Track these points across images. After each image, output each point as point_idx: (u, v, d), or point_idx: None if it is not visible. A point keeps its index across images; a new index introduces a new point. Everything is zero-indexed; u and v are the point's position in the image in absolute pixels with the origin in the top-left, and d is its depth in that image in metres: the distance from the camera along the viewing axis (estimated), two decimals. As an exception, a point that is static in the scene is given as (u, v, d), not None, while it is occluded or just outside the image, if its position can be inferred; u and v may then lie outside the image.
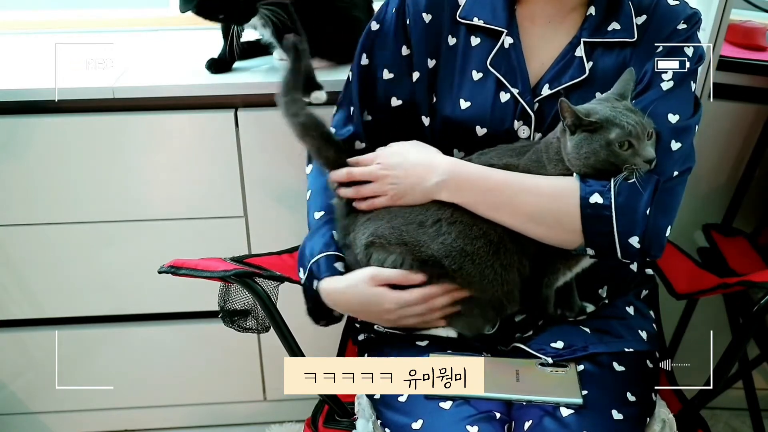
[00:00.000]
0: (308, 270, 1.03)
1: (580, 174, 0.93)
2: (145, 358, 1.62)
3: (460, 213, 0.97)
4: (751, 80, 1.40)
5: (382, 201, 1.00)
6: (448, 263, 0.95)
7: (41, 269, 1.51)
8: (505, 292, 0.97)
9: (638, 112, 0.91)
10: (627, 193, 0.89)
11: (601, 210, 0.90)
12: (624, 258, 0.92)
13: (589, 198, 0.90)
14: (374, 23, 1.11)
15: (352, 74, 1.13)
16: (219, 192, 1.45)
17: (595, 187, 0.91)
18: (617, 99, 0.93)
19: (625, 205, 0.89)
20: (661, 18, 1.00)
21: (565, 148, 0.93)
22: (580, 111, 0.90)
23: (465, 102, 1.05)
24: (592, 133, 0.90)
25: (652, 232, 0.90)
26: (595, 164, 0.91)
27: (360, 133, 1.13)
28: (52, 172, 1.40)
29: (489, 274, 0.96)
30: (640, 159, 0.89)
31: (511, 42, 1.04)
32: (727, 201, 1.49)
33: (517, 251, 0.97)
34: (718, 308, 1.48)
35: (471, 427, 0.87)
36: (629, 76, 0.95)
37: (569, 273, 1.01)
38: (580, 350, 0.97)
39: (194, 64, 1.41)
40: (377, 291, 0.97)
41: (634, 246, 0.90)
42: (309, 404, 1.12)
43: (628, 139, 0.89)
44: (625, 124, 0.88)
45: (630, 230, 0.90)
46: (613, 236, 0.90)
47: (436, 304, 0.98)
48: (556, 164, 0.95)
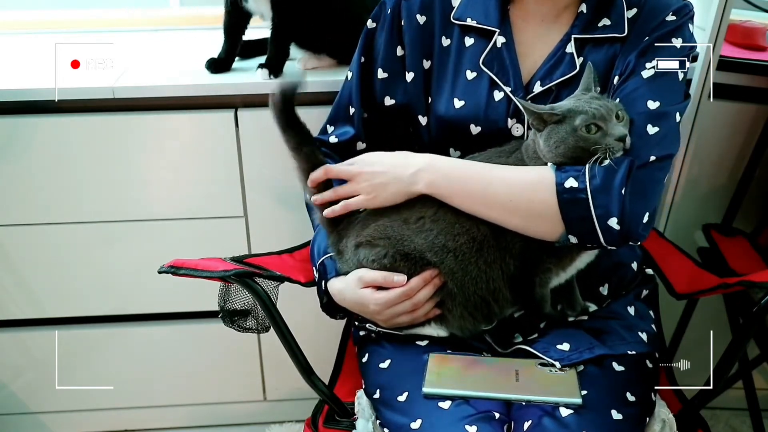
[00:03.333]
0: (318, 270, 1.07)
1: (555, 164, 0.93)
2: (145, 358, 1.62)
3: (443, 212, 0.98)
4: (751, 80, 1.40)
5: (357, 200, 1.01)
6: (431, 257, 0.97)
7: (41, 269, 1.51)
8: (490, 290, 0.98)
9: (603, 98, 0.93)
10: (602, 175, 0.89)
11: (576, 193, 0.90)
12: (607, 243, 0.91)
13: (564, 183, 0.90)
14: (371, 22, 1.12)
15: (351, 73, 1.14)
16: (219, 192, 1.45)
17: (570, 172, 0.91)
18: (583, 93, 0.95)
19: (600, 187, 0.89)
20: (650, 10, 1.00)
21: (538, 146, 0.95)
22: (541, 109, 0.93)
23: (459, 101, 1.06)
24: (558, 124, 0.92)
25: (630, 215, 0.89)
26: (566, 152, 0.92)
27: (360, 134, 1.14)
28: (52, 172, 1.40)
29: (472, 270, 0.97)
30: (611, 138, 0.90)
31: (504, 41, 1.04)
32: (727, 201, 1.49)
33: (501, 248, 0.97)
34: (718, 308, 1.47)
35: (470, 427, 0.87)
36: (589, 71, 0.96)
37: (563, 273, 1.01)
38: (586, 351, 0.97)
39: (194, 64, 1.41)
40: (363, 293, 0.99)
41: (614, 228, 0.89)
42: (309, 404, 1.12)
43: (593, 122, 0.90)
44: (588, 109, 0.90)
45: (607, 212, 0.89)
46: (592, 220, 0.90)
47: (420, 298, 0.98)
48: (536, 161, 0.96)
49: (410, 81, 1.10)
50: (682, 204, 1.49)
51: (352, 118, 1.14)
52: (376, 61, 1.12)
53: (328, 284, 1.05)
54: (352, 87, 1.14)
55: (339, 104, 1.17)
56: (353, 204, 1.02)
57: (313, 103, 1.29)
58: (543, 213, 0.92)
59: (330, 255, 1.07)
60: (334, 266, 1.06)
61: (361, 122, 1.13)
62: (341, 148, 1.15)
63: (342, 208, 1.03)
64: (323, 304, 1.08)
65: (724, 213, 1.50)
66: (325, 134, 1.17)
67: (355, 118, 1.14)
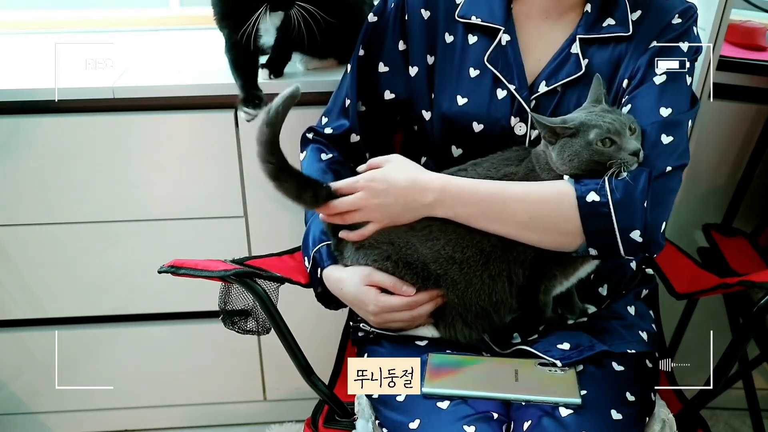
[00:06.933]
0: (312, 258, 1.06)
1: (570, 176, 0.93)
2: (145, 358, 1.62)
3: (453, 222, 0.97)
4: (751, 80, 1.40)
5: (371, 228, 0.99)
6: (434, 268, 0.96)
7: (41, 269, 1.51)
8: (492, 302, 0.97)
9: (615, 110, 0.93)
10: (622, 189, 0.89)
11: (599, 208, 0.89)
12: (627, 254, 0.91)
13: (586, 197, 0.90)
14: (372, 16, 1.12)
15: (350, 66, 1.14)
16: (219, 192, 1.45)
17: (590, 185, 0.91)
18: (593, 105, 0.95)
19: (623, 201, 0.89)
20: (655, 12, 1.00)
21: (550, 158, 0.95)
22: (554, 122, 0.92)
23: (462, 98, 1.06)
24: (572, 138, 0.92)
25: (651, 227, 0.90)
26: (580, 165, 0.91)
27: (355, 126, 1.14)
28: (52, 172, 1.40)
29: (476, 282, 0.96)
30: (625, 152, 0.90)
31: (508, 39, 1.04)
32: (727, 201, 1.49)
33: (509, 260, 0.96)
34: (718, 308, 1.48)
35: (468, 427, 0.87)
36: (598, 82, 0.96)
37: (566, 281, 1.00)
38: (587, 350, 0.97)
39: (194, 64, 1.41)
40: (366, 290, 0.98)
41: (637, 240, 0.90)
42: (309, 404, 1.12)
43: (608, 137, 0.90)
44: (601, 123, 0.90)
45: (630, 225, 0.89)
46: (614, 233, 0.90)
47: (420, 312, 0.98)
48: (548, 172, 0.95)
49: (414, 75, 1.10)
50: (682, 204, 1.49)
51: (347, 111, 1.14)
52: (378, 54, 1.12)
53: (324, 272, 1.04)
54: (350, 80, 1.14)
55: (336, 96, 1.17)
56: (368, 232, 0.99)
57: (313, 103, 1.29)
58: (563, 227, 0.92)
59: (326, 243, 1.05)
60: (330, 254, 1.05)
61: (356, 115, 1.13)
62: (335, 139, 1.15)
63: (358, 236, 1.00)
64: (318, 293, 1.07)
65: (724, 213, 1.50)
66: (321, 125, 1.17)
67: (350, 111, 1.14)
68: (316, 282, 1.06)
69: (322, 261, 1.05)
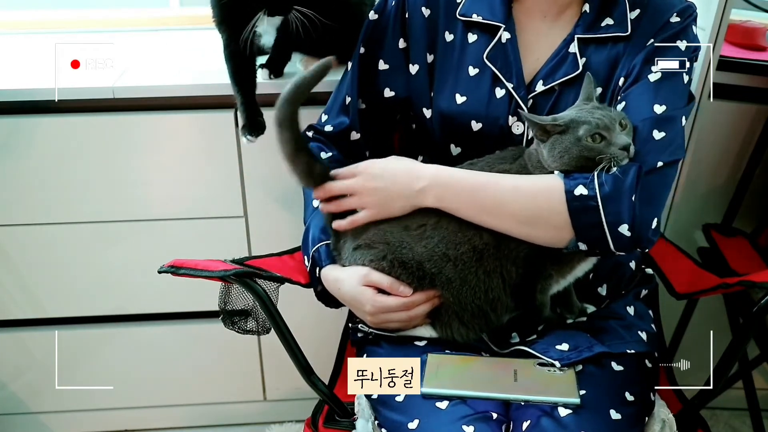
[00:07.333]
0: (311, 257, 1.06)
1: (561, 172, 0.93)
2: (145, 358, 1.63)
3: (446, 220, 0.97)
4: (751, 80, 1.40)
5: (363, 215, 1.00)
6: (429, 266, 0.96)
7: (41, 269, 1.51)
8: (488, 300, 0.97)
9: (606, 107, 0.94)
10: (611, 183, 0.89)
11: (587, 201, 0.90)
12: (617, 249, 0.91)
13: (574, 191, 0.90)
14: (373, 14, 1.12)
15: (351, 64, 1.15)
16: (219, 192, 1.46)
17: (579, 179, 0.91)
18: (584, 103, 0.95)
19: (611, 194, 0.89)
20: (654, 11, 1.00)
21: (542, 156, 0.95)
22: (544, 120, 0.93)
23: (461, 97, 1.06)
24: (562, 135, 0.92)
25: (640, 221, 0.90)
26: (570, 161, 0.92)
27: (355, 124, 1.14)
28: (52, 172, 1.40)
29: (471, 279, 0.96)
30: (615, 147, 0.90)
31: (508, 37, 1.04)
32: (727, 201, 1.49)
33: (503, 257, 0.96)
34: (718, 308, 1.47)
35: (467, 427, 0.87)
36: (589, 80, 0.97)
37: (563, 281, 1.01)
38: (586, 350, 0.97)
39: (194, 64, 1.41)
40: (364, 290, 0.99)
41: (625, 235, 0.90)
42: (309, 404, 1.12)
43: (597, 132, 0.90)
44: (591, 119, 0.90)
45: (618, 219, 0.89)
46: (602, 227, 0.90)
47: (417, 313, 0.99)
48: (540, 170, 0.96)
49: (414, 73, 1.10)
50: (682, 204, 1.49)
51: (348, 108, 1.14)
52: (378, 52, 1.12)
53: (323, 272, 1.04)
54: (350, 77, 1.14)
55: (337, 94, 1.17)
56: (360, 219, 1.01)
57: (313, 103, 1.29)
58: (552, 221, 0.92)
59: (325, 242, 1.06)
60: (329, 253, 1.05)
61: (357, 113, 1.14)
62: (336, 137, 1.15)
63: (348, 224, 1.02)
64: (318, 292, 1.08)
65: (724, 213, 1.50)
66: (321, 123, 1.17)
67: (351, 109, 1.14)
68: (316, 281, 1.07)
69: (321, 260, 1.05)
